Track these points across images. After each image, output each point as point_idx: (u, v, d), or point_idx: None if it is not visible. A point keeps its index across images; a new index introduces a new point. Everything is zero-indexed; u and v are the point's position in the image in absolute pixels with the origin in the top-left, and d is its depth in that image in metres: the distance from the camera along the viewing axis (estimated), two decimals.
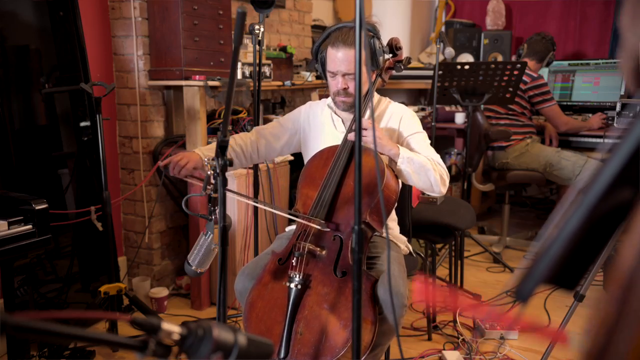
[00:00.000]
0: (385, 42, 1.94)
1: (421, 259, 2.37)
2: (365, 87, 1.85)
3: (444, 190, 1.82)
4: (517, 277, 0.46)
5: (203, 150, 1.88)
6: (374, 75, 1.92)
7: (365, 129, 1.67)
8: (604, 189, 0.37)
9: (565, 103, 4.13)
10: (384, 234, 1.72)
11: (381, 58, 1.86)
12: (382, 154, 1.78)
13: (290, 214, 1.82)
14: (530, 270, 0.43)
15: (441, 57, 2.86)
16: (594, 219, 0.38)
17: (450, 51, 2.79)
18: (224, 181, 1.29)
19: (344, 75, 1.83)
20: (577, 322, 1.91)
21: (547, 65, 3.74)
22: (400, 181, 1.85)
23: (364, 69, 1.78)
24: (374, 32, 1.86)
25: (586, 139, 3.69)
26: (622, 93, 3.87)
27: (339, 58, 1.81)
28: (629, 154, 0.35)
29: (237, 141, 2.00)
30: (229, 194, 1.67)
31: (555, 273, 0.42)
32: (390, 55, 1.96)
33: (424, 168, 1.76)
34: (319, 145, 1.93)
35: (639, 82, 0.39)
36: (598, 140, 3.64)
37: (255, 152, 2.04)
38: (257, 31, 2.42)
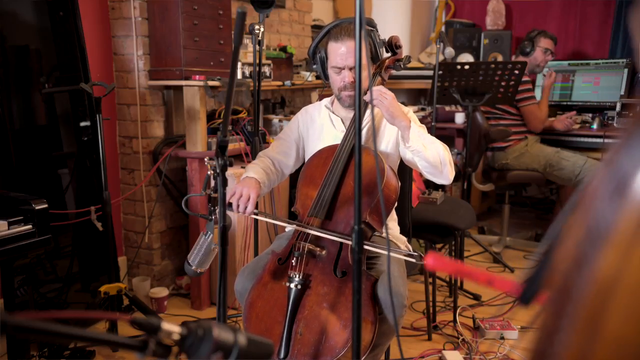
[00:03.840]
0: (385, 40, 1.94)
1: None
2: (365, 83, 1.84)
3: (451, 175, 1.77)
4: (521, 280, 0.45)
5: (250, 173, 1.84)
6: (374, 68, 1.92)
7: (384, 96, 1.69)
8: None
9: (565, 103, 4.14)
10: (384, 234, 1.72)
11: (382, 50, 1.87)
12: (393, 124, 1.77)
13: (316, 230, 1.77)
14: (533, 273, 0.43)
15: (441, 57, 2.86)
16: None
17: (450, 51, 2.79)
18: (224, 181, 1.30)
19: (351, 68, 1.82)
20: None
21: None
22: (399, 180, 1.84)
23: (364, 62, 1.79)
24: (372, 26, 1.89)
25: (586, 139, 3.69)
26: (622, 93, 3.87)
27: (343, 52, 1.80)
28: None
29: (264, 165, 1.94)
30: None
31: None
32: (390, 53, 1.96)
33: (434, 143, 1.76)
34: (319, 146, 1.92)
35: None
36: (598, 140, 3.64)
37: (275, 175, 1.99)
38: (257, 31, 2.42)
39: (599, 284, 0.29)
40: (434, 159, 1.74)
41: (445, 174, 1.77)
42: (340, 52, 1.81)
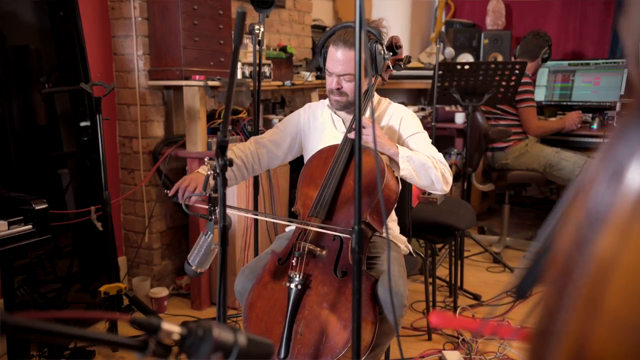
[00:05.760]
0: (385, 41, 1.94)
1: (421, 259, 2.37)
2: (362, 88, 1.84)
3: (446, 188, 1.81)
4: (517, 275, 0.46)
5: (206, 169, 1.85)
6: (373, 79, 1.91)
7: (365, 127, 1.66)
8: None
9: (565, 103, 4.14)
10: (384, 234, 1.72)
11: (381, 64, 1.84)
12: (382, 153, 1.78)
13: (296, 222, 1.81)
14: (529, 268, 0.44)
15: (441, 57, 2.86)
16: None
17: (450, 51, 2.79)
18: (224, 181, 1.29)
19: (339, 75, 1.83)
20: None
21: (543, 61, 3.72)
22: (400, 181, 1.85)
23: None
24: (377, 37, 1.84)
25: (586, 139, 3.69)
26: (622, 93, 3.87)
27: (337, 58, 1.81)
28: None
29: (237, 153, 1.93)
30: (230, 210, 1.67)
31: None
32: (390, 54, 1.96)
33: (425, 166, 1.76)
34: (320, 146, 1.92)
35: None
36: (598, 140, 3.64)
37: (257, 163, 1.99)
38: (257, 31, 2.42)
39: (598, 264, 0.31)
40: (424, 182, 1.78)
41: (439, 190, 1.82)
42: (333, 58, 1.82)
